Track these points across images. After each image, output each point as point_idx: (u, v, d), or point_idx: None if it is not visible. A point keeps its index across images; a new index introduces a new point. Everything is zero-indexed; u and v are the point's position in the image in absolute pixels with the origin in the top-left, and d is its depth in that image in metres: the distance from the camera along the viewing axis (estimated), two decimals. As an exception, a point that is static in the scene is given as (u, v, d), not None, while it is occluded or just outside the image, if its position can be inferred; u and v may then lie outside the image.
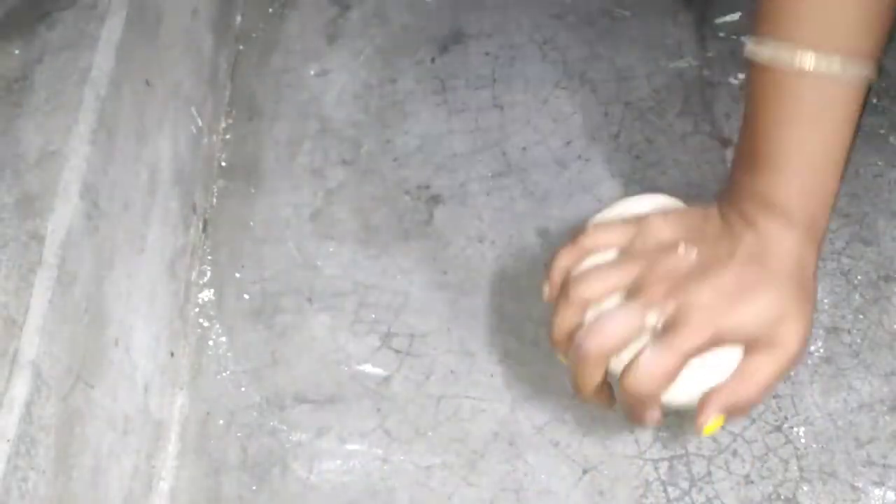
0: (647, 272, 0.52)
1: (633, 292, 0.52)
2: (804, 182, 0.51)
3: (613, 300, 0.53)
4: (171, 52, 0.72)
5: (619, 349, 0.51)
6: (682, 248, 0.52)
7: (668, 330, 0.50)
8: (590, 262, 0.55)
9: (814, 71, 0.50)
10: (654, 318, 0.51)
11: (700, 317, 0.50)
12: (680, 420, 0.65)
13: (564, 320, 0.53)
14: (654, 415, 0.52)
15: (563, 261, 0.56)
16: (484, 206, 0.77)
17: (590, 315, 0.53)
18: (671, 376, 0.50)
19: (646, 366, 0.50)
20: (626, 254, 0.54)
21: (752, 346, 0.51)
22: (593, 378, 0.53)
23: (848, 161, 0.52)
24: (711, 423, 0.52)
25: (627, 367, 0.51)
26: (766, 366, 0.51)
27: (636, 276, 0.52)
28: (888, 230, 0.72)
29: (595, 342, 0.51)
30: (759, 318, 0.50)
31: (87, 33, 0.62)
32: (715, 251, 0.52)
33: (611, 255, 0.55)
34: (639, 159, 0.77)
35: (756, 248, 0.51)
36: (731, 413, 0.52)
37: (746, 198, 0.53)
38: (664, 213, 0.55)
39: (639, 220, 0.55)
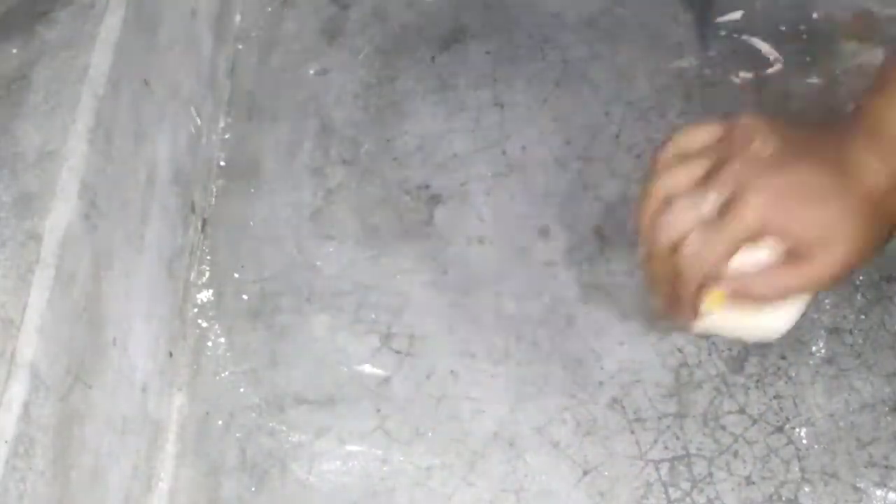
0: (724, 163, 0.51)
1: (709, 183, 0.51)
2: None
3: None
4: (169, 52, 0.72)
5: (676, 234, 0.50)
6: (759, 141, 0.50)
7: (721, 212, 0.49)
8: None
9: None
10: (713, 201, 0.50)
11: (754, 201, 0.49)
12: (681, 419, 0.65)
13: (645, 210, 0.53)
14: (690, 307, 0.51)
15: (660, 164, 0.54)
16: (484, 206, 0.76)
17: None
18: (717, 254, 0.50)
19: (692, 242, 0.49)
20: (713, 150, 0.53)
21: (792, 251, 0.49)
22: (660, 270, 0.52)
23: None
24: (715, 297, 0.51)
25: (679, 244, 0.50)
26: (791, 273, 0.50)
27: (714, 167, 0.51)
28: (890, 230, 0.72)
29: (656, 231, 0.51)
30: (811, 225, 0.49)
31: (86, 33, 0.62)
32: (794, 148, 0.50)
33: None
34: (639, 159, 0.77)
35: (838, 157, 0.49)
36: (738, 297, 0.51)
37: (848, 127, 0.51)
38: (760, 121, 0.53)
39: (731, 125, 0.53)
